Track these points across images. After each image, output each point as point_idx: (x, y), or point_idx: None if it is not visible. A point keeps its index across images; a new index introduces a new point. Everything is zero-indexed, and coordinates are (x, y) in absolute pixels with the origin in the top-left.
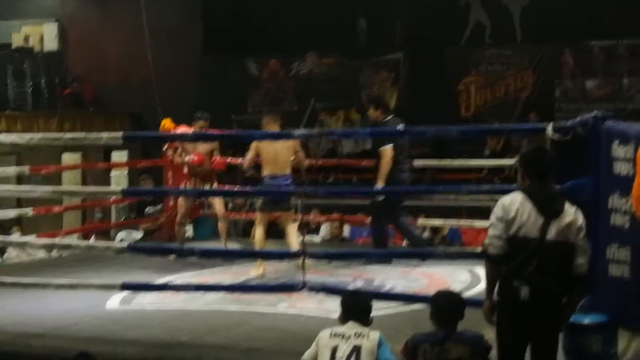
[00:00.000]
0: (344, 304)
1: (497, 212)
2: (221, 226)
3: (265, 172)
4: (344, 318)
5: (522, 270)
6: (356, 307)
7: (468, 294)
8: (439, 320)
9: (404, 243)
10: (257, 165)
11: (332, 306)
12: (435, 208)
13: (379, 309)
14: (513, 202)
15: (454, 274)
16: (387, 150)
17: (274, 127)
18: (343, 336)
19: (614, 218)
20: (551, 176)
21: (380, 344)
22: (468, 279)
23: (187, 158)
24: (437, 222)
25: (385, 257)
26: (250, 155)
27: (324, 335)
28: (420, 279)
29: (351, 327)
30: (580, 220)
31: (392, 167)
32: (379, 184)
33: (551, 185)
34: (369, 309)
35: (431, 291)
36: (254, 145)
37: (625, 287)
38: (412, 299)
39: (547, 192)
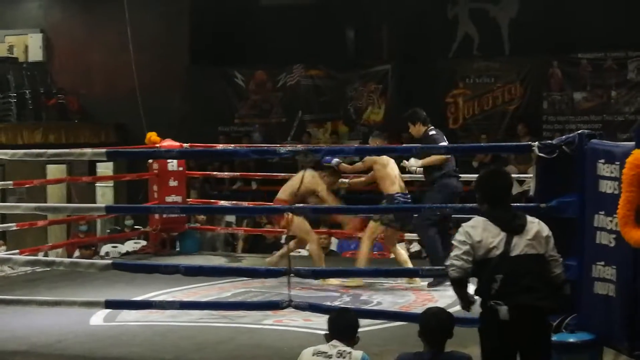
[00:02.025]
0: (330, 323)
1: (459, 237)
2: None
3: (394, 188)
4: (330, 336)
5: (497, 291)
6: (341, 325)
7: (455, 309)
8: (427, 339)
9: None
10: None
11: (319, 322)
12: None
13: (365, 325)
14: (476, 226)
15: (441, 289)
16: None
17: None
18: (325, 354)
19: (599, 236)
20: (509, 198)
21: None
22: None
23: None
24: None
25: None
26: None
27: (307, 354)
28: (408, 295)
29: (334, 346)
30: (546, 230)
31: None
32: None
33: (510, 207)
34: (354, 328)
35: (418, 307)
36: (372, 159)
37: (610, 305)
38: (399, 317)
39: (507, 211)
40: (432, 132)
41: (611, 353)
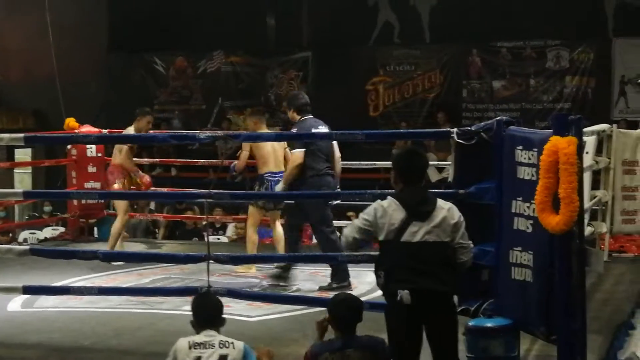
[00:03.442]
0: (196, 309)
1: (369, 213)
2: (119, 226)
3: (265, 169)
4: (198, 325)
5: (398, 274)
6: (210, 311)
7: (373, 295)
8: (338, 326)
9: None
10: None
11: (238, 308)
12: (343, 208)
13: (285, 311)
14: (384, 207)
15: (359, 275)
16: (296, 154)
17: (262, 127)
18: (204, 345)
19: (517, 222)
20: (423, 179)
21: (246, 354)
22: (374, 280)
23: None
24: (342, 223)
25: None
26: (244, 154)
27: (182, 347)
28: (327, 281)
29: (211, 335)
30: (456, 217)
31: (309, 172)
32: (280, 187)
33: (422, 188)
34: (221, 312)
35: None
36: (247, 145)
37: (527, 291)
38: (317, 303)
39: (418, 195)
40: (303, 121)
41: (528, 338)
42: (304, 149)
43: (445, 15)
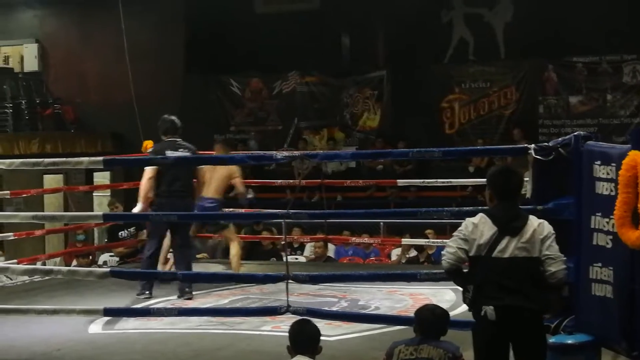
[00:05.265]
0: (291, 335)
1: (462, 229)
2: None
3: (202, 194)
4: (292, 349)
5: (486, 290)
6: (304, 338)
7: (453, 313)
8: (420, 330)
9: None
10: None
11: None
12: (420, 226)
13: (364, 330)
14: (475, 223)
15: (438, 293)
16: (145, 169)
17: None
18: None
19: (596, 238)
20: (518, 196)
21: None
22: (453, 298)
23: None
24: (420, 241)
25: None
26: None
27: None
28: (405, 300)
29: None
30: (546, 231)
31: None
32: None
33: (516, 205)
34: (316, 339)
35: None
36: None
37: (608, 306)
38: (397, 321)
39: (511, 211)
40: (160, 143)
41: (609, 354)
42: (154, 167)
43: (519, 31)
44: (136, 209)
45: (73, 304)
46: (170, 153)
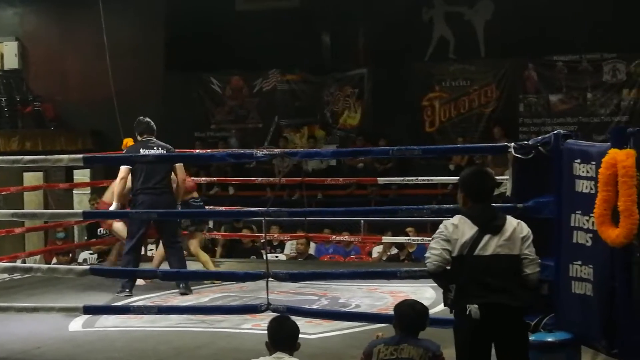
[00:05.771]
0: (270, 332)
1: (442, 231)
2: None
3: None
4: (273, 347)
5: (469, 289)
6: (283, 335)
7: (433, 311)
8: (400, 326)
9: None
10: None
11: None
12: (401, 223)
13: (345, 328)
14: (455, 224)
15: (418, 291)
16: (120, 168)
17: None
18: None
19: (576, 236)
20: (492, 197)
21: None
22: (433, 295)
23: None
24: (401, 239)
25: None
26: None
27: None
28: (385, 297)
29: (279, 358)
30: (525, 230)
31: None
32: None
33: (491, 206)
34: (295, 336)
35: None
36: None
37: (588, 304)
38: (377, 319)
39: (488, 211)
40: (135, 144)
41: (589, 352)
42: (128, 166)
43: (500, 30)
44: (112, 208)
45: (53, 301)
46: (144, 152)
